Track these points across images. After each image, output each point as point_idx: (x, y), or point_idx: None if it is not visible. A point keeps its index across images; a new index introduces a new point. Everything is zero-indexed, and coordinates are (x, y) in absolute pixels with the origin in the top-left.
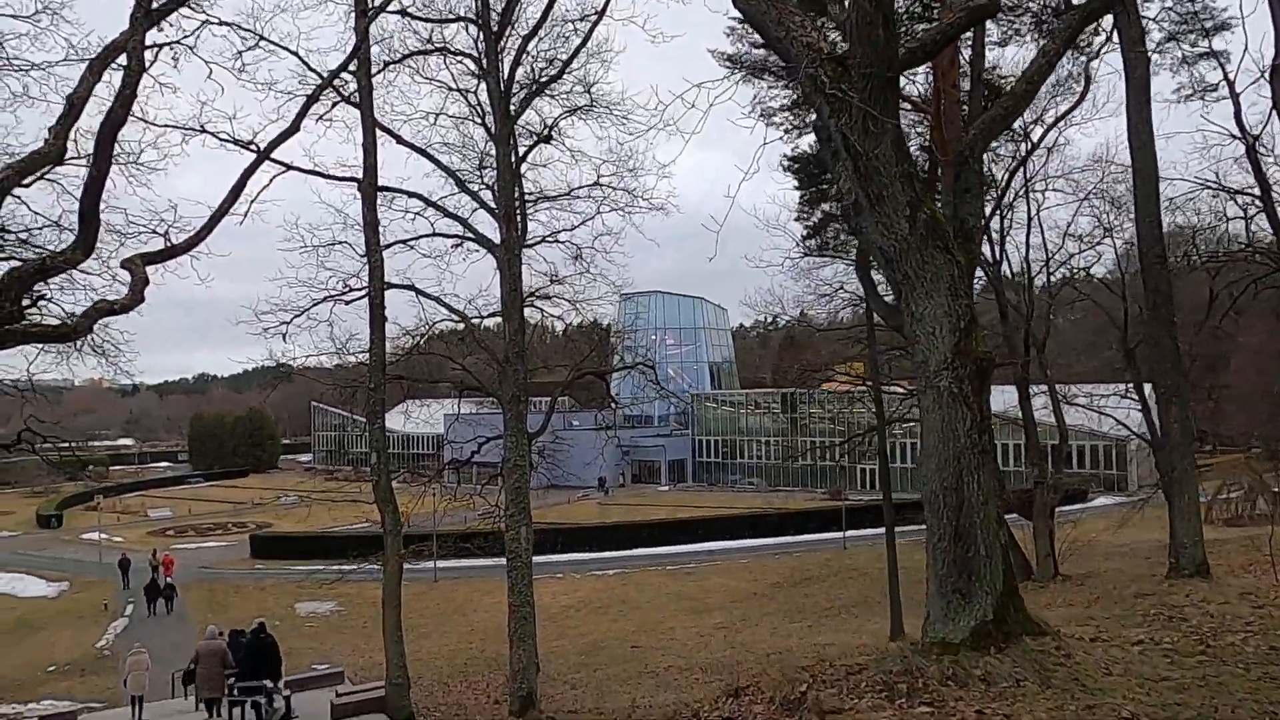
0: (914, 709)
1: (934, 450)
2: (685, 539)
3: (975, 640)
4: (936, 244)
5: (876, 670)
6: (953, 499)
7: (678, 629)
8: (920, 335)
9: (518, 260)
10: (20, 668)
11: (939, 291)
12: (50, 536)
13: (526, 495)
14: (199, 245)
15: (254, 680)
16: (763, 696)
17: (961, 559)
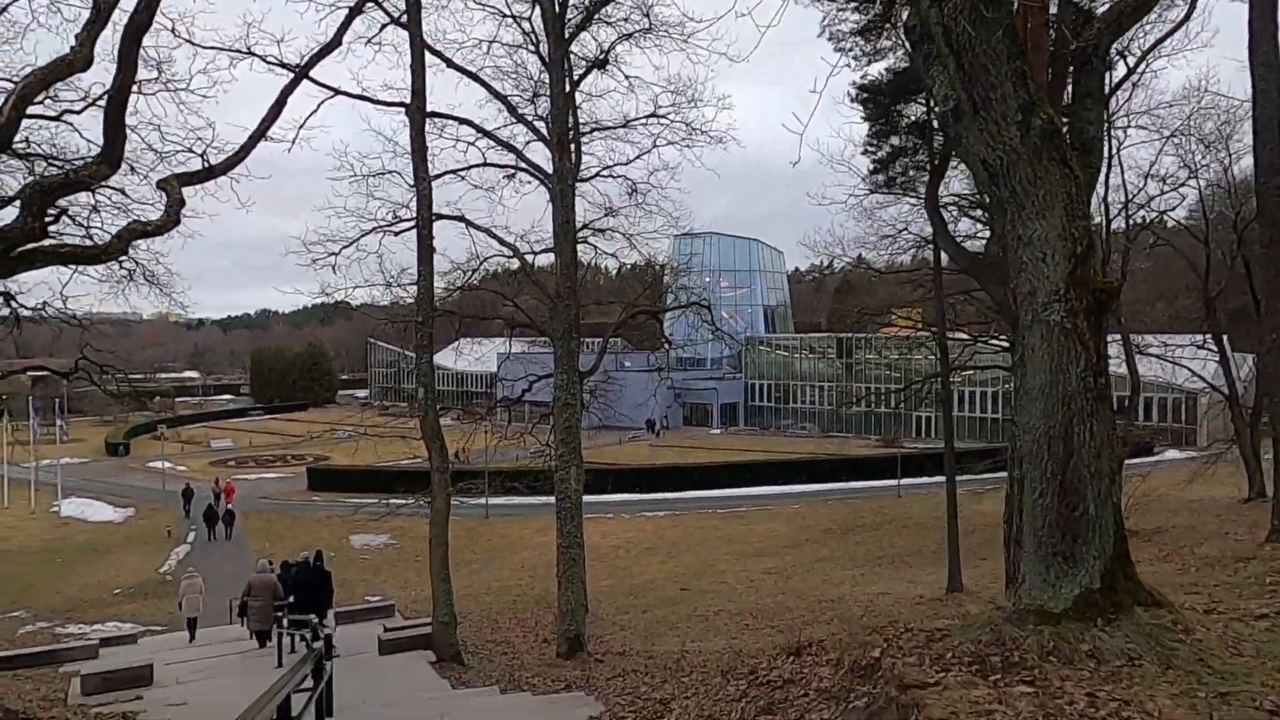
0: (1011, 687)
1: (1039, 393)
2: (736, 483)
3: (1079, 610)
4: (1052, 155)
5: (962, 639)
6: (1060, 449)
7: (727, 572)
8: (1028, 261)
9: (571, 191)
10: (89, 589)
11: (1053, 210)
12: (118, 464)
13: (578, 435)
14: (237, 166)
15: (305, 609)
16: (827, 658)
17: (1066, 517)
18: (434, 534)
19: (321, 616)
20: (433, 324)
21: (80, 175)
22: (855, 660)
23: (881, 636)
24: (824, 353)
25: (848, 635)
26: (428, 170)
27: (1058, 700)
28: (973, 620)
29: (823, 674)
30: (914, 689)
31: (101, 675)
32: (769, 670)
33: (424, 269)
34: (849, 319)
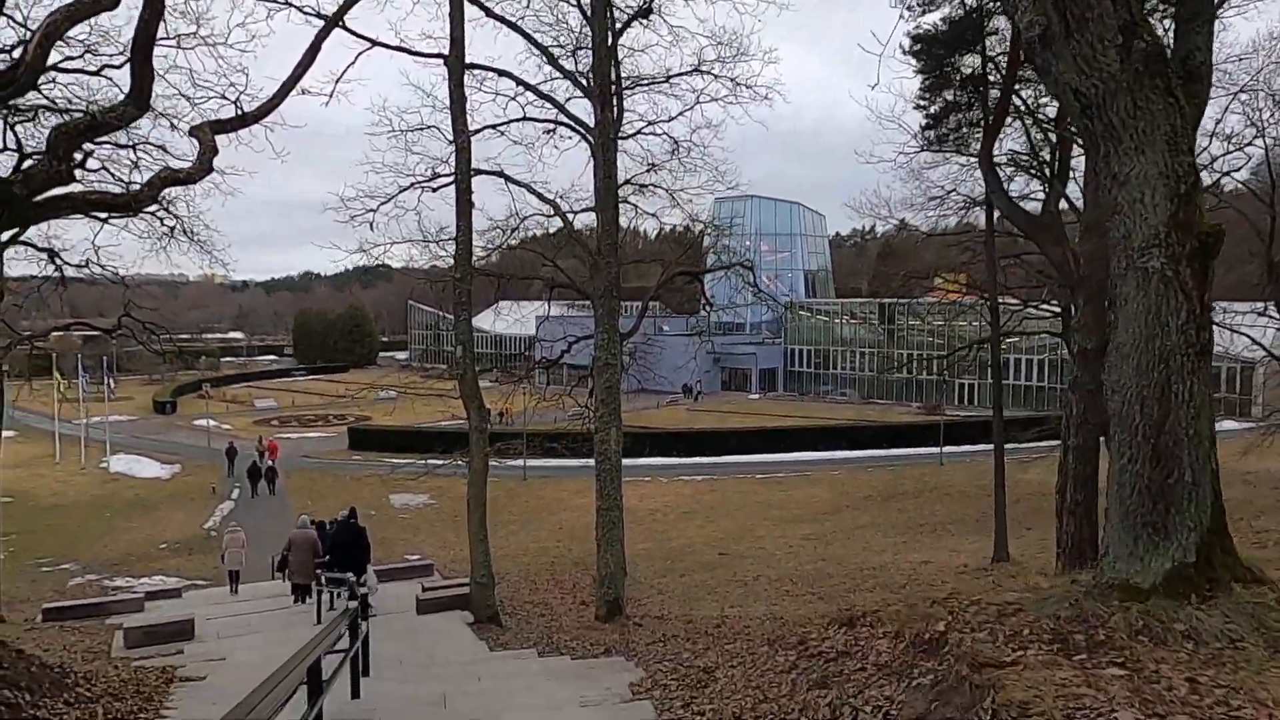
0: (1101, 669)
1: (1133, 348)
2: (775, 448)
3: (1171, 586)
4: (1155, 83)
5: (1038, 613)
6: (1154, 410)
7: (766, 538)
8: (1123, 202)
9: (613, 146)
10: (137, 543)
11: (1153, 144)
12: (165, 422)
13: (618, 396)
14: (271, 114)
15: (343, 567)
16: (885, 630)
17: (1159, 485)
18: (472, 494)
19: (359, 573)
20: (471, 281)
21: (107, 117)
22: (917, 634)
23: (945, 609)
24: (865, 318)
25: (905, 606)
26: (466, 123)
27: (1155, 685)
28: (1048, 594)
29: (880, 647)
30: (989, 668)
31: (144, 629)
32: (820, 641)
33: (462, 224)
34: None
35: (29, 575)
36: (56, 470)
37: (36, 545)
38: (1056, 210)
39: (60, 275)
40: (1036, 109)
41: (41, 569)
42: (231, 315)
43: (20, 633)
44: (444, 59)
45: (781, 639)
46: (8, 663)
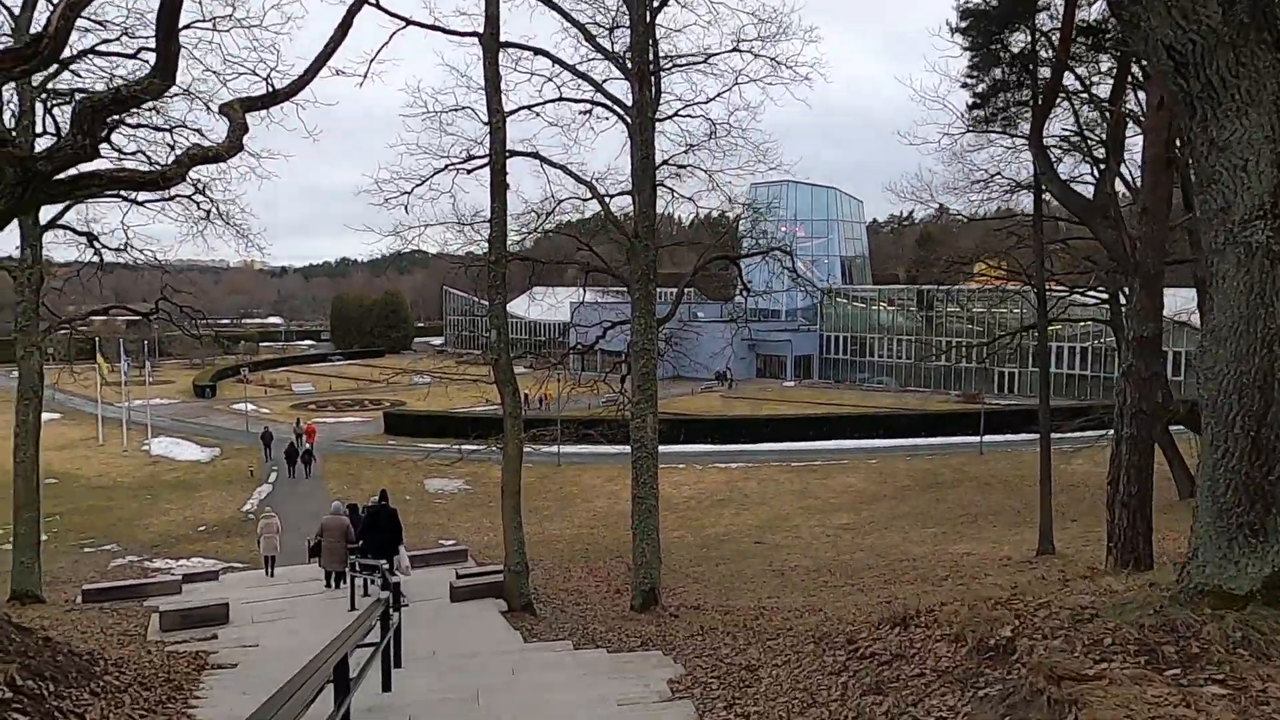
0: (1199, 687)
1: (1231, 332)
2: (811, 436)
3: (1271, 594)
4: (1262, 36)
5: (1118, 620)
6: (1254, 400)
7: (802, 527)
8: (1222, 170)
9: (650, 126)
10: (176, 524)
11: (1259, 105)
12: (205, 405)
13: (654, 382)
14: (302, 91)
15: (376, 550)
16: (943, 633)
17: (1258, 482)
18: (506, 480)
19: (391, 556)
20: (505, 265)
21: (133, 90)
22: (981, 639)
23: (1010, 611)
24: (903, 305)
25: (965, 607)
26: (501, 103)
27: (1264, 707)
28: (1125, 599)
29: (939, 651)
30: (1068, 681)
31: (180, 613)
32: (871, 642)
33: (496, 206)
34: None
35: (72, 555)
36: (100, 452)
37: (80, 526)
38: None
39: (99, 259)
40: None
41: (84, 549)
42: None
43: (60, 614)
44: (478, 37)
45: (829, 637)
46: (33, 651)
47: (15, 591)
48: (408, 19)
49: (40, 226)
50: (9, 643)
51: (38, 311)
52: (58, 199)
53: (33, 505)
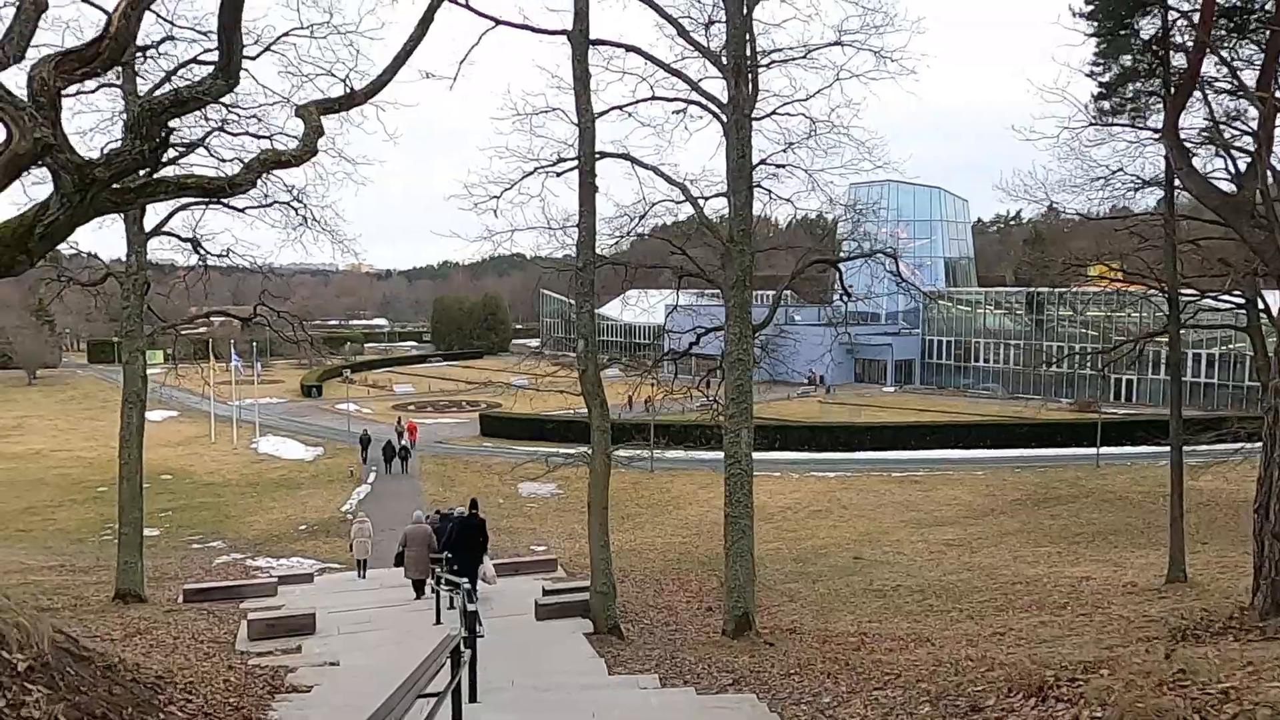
0: None
1: None
2: (913, 444)
3: None
4: None
5: None
6: None
7: (904, 542)
8: None
9: (747, 123)
10: (279, 523)
11: None
12: (311, 405)
13: (749, 395)
14: (381, 91)
15: (462, 560)
16: (1094, 716)
17: None
18: (593, 496)
19: (476, 566)
20: (594, 271)
21: (195, 92)
22: None
23: (1186, 702)
24: (1011, 308)
25: (1121, 684)
26: (590, 102)
27: None
28: None
29: None
30: None
31: (267, 621)
32: (1001, 713)
33: (585, 210)
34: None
35: (182, 552)
36: (212, 450)
37: (190, 522)
38: (1264, 189)
39: (204, 264)
40: (1235, 71)
41: (192, 545)
42: (376, 302)
43: (160, 615)
44: (568, 35)
45: (947, 696)
46: (87, 685)
47: (119, 591)
48: (497, 18)
49: (145, 233)
50: (63, 676)
51: (142, 316)
52: (122, 207)
53: (136, 506)
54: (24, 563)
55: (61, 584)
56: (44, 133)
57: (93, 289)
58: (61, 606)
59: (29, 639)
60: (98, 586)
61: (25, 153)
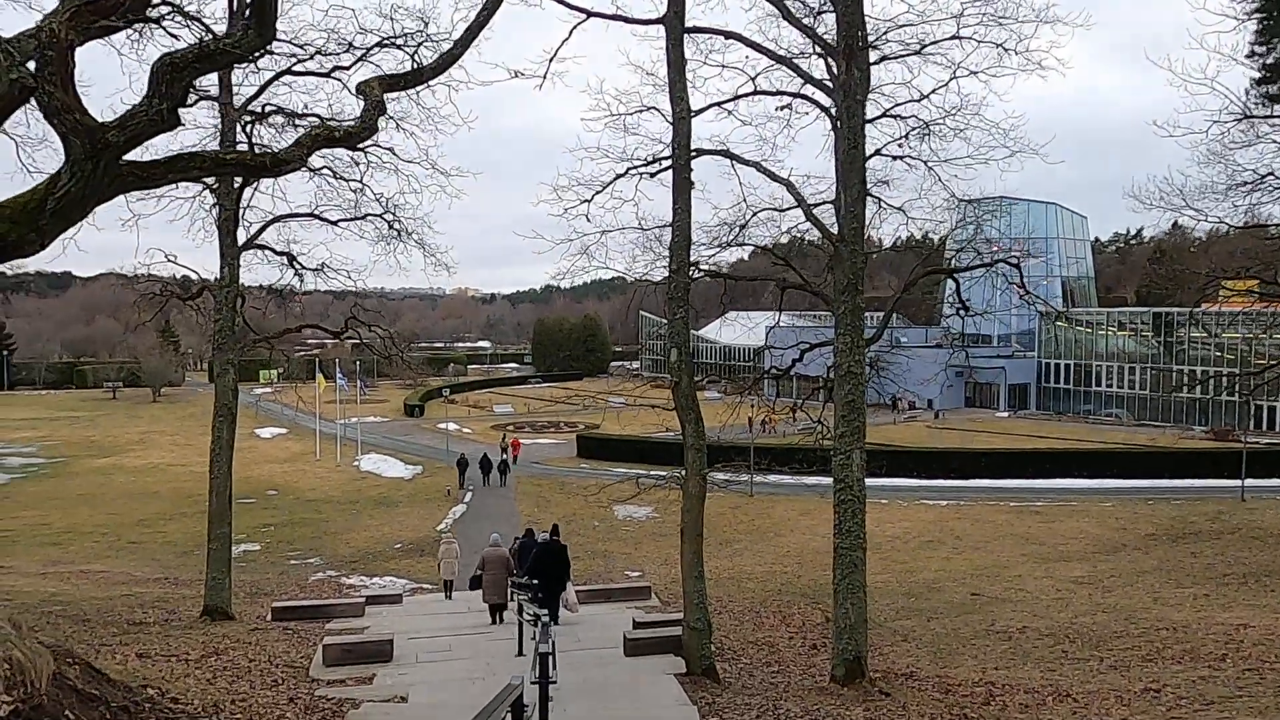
0: None
1: None
2: (1030, 473)
3: None
4: None
5: None
6: None
7: (1026, 578)
8: None
9: (860, 109)
10: (375, 540)
11: None
12: (413, 424)
13: (862, 412)
14: (449, 69)
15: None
16: None
17: None
18: (686, 521)
19: (559, 594)
20: (688, 273)
21: (222, 45)
22: None
23: None
24: (1136, 329)
25: None
26: (686, 90)
27: None
28: None
29: None
30: None
31: (343, 646)
32: None
33: (679, 208)
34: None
35: (279, 567)
36: (316, 466)
37: (290, 538)
38: None
39: (299, 279)
40: None
41: (290, 561)
42: (480, 325)
43: (244, 634)
44: (662, 20)
45: None
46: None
47: (207, 607)
48: (589, 10)
49: (238, 245)
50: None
51: (234, 329)
52: (149, 183)
53: (224, 520)
54: (131, 574)
55: (161, 597)
56: (22, 73)
57: (191, 303)
58: (153, 621)
59: (23, 677)
60: (193, 601)
61: (2, 95)
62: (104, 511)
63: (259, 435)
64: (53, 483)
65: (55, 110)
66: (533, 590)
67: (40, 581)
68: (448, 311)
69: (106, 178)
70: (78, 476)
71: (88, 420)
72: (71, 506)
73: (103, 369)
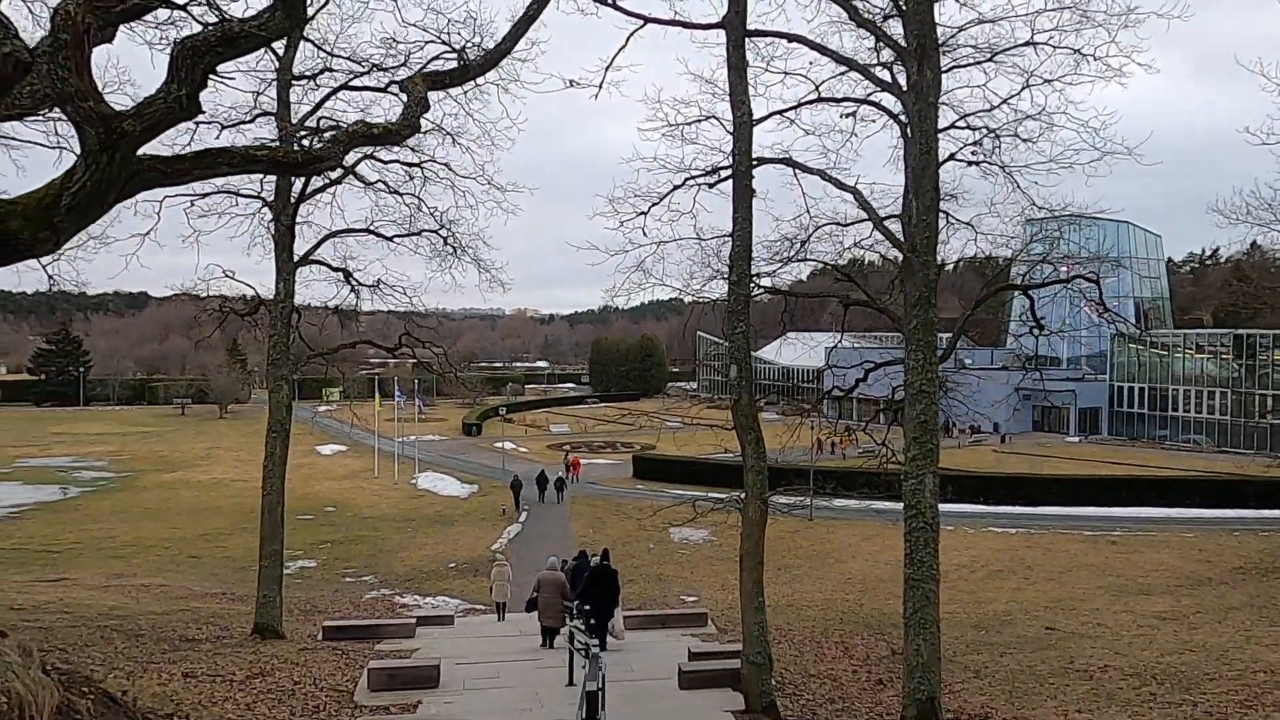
0: None
1: None
2: (1104, 500)
3: None
4: None
5: None
6: None
7: (1104, 612)
8: None
9: (933, 112)
10: (430, 559)
11: None
12: (470, 443)
13: (935, 432)
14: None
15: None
16: None
17: None
18: (746, 548)
19: (608, 619)
20: (749, 285)
21: (248, 27)
22: None
23: None
24: (1216, 351)
25: None
26: (747, 93)
27: None
28: None
29: None
30: None
31: (388, 671)
32: None
33: (740, 216)
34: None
35: (334, 585)
36: (374, 484)
37: (347, 554)
38: None
39: (355, 296)
40: None
41: (345, 579)
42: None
43: (293, 654)
44: (723, 23)
45: None
46: None
47: (258, 625)
48: (646, 16)
49: (293, 260)
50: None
51: (289, 345)
52: (173, 179)
53: (276, 538)
54: (191, 589)
55: (217, 613)
56: (15, 45)
57: (250, 319)
58: (205, 638)
59: (21, 712)
60: (247, 617)
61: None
62: (168, 526)
63: (319, 452)
64: (121, 496)
65: (68, 97)
66: (585, 616)
67: (101, 595)
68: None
69: (124, 171)
70: (145, 491)
71: (157, 436)
72: (137, 520)
73: (173, 386)
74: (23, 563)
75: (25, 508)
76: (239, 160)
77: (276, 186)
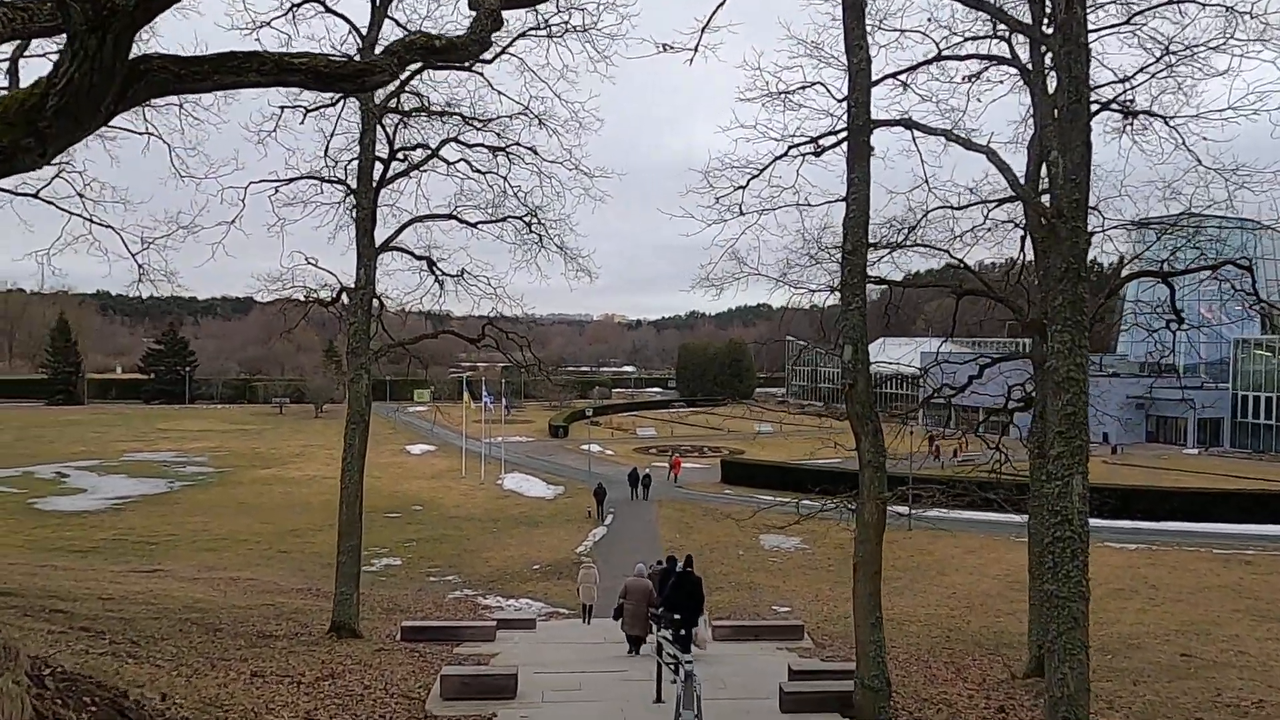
0: None
1: None
2: (1232, 516)
3: None
4: None
5: None
6: None
7: (1245, 639)
8: None
9: (1083, 54)
10: (514, 560)
11: None
12: (557, 445)
13: (1084, 427)
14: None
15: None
16: None
17: None
18: (861, 555)
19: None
20: (865, 256)
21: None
22: None
23: None
24: None
25: None
26: (865, 37)
27: None
28: None
29: None
30: None
31: (463, 679)
32: None
33: (856, 177)
34: None
35: (418, 584)
36: (461, 484)
37: (432, 554)
38: None
39: (439, 285)
40: None
41: (429, 579)
42: (626, 351)
43: (368, 655)
44: None
45: None
46: None
47: (334, 623)
48: None
49: (375, 247)
50: None
51: (369, 333)
52: (192, 84)
53: (354, 533)
54: (277, 583)
55: (299, 609)
56: None
57: (331, 308)
58: (282, 635)
59: None
60: (327, 614)
61: None
62: (260, 520)
63: (409, 451)
64: (217, 491)
65: None
66: (674, 626)
67: (190, 587)
68: (594, 336)
69: (118, 60)
70: (240, 486)
71: (255, 433)
72: (231, 514)
73: (272, 386)
74: (121, 553)
75: (129, 500)
76: (271, 67)
77: (359, 169)
